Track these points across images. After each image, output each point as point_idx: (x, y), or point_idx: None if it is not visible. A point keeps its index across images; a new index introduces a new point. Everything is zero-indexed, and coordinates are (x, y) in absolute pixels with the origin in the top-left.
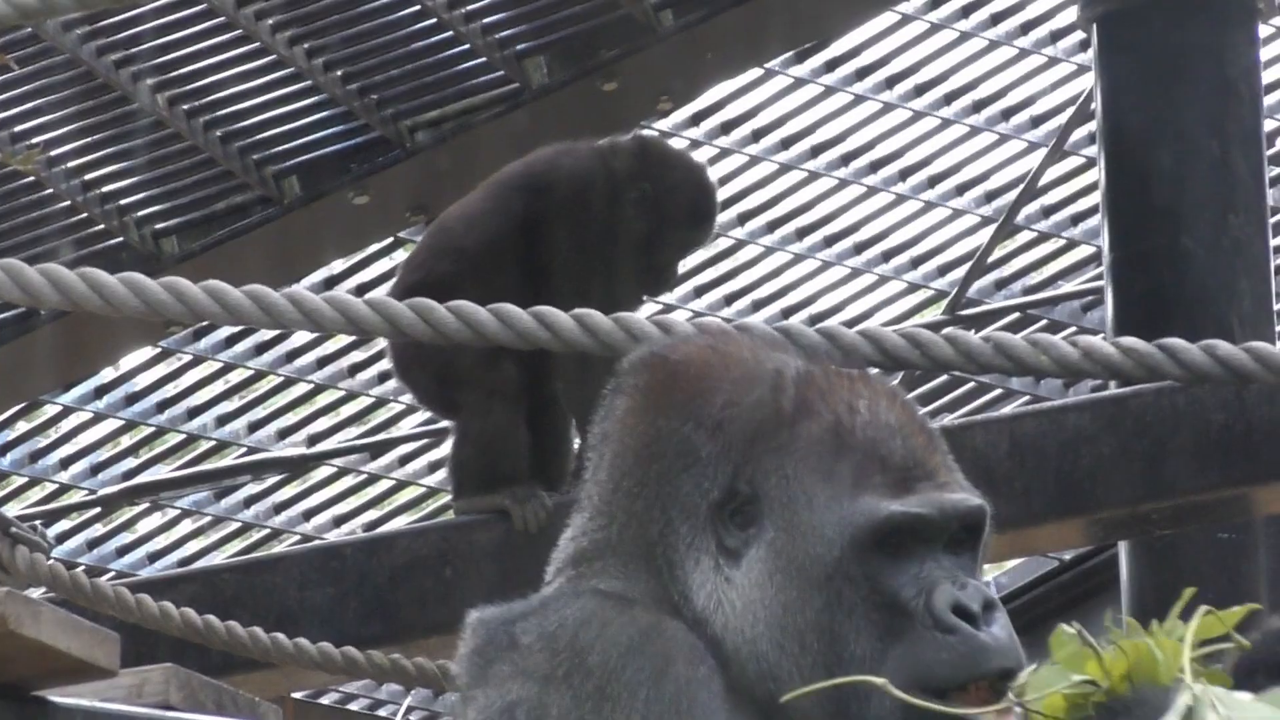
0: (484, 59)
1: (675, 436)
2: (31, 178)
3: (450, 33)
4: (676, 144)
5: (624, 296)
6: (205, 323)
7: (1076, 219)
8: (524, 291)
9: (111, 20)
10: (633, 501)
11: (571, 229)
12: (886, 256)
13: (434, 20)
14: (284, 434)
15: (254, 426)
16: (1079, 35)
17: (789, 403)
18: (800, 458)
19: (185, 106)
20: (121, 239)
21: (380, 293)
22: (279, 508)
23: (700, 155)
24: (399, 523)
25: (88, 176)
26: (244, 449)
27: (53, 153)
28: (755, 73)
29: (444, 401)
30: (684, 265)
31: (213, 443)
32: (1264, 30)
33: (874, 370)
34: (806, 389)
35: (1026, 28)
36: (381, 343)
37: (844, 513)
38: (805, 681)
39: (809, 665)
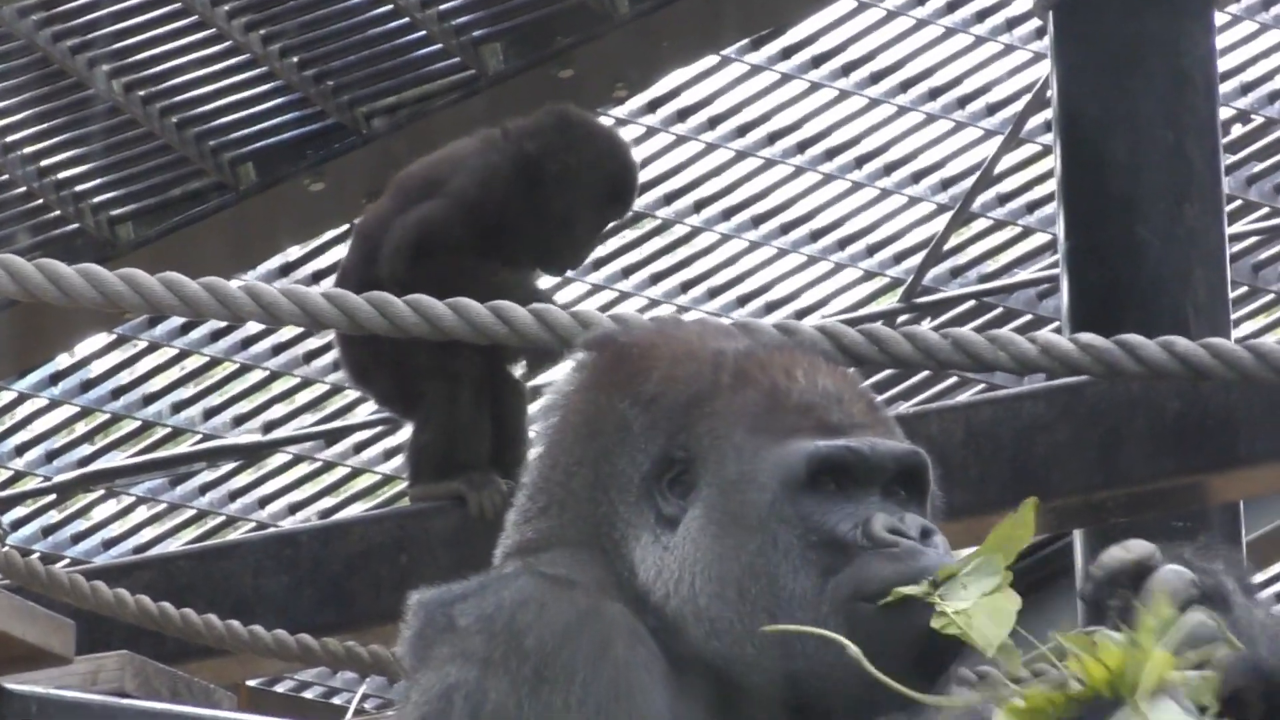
0: (440, 46)
1: (613, 414)
2: None
3: (407, 19)
4: (632, 131)
5: (546, 273)
6: None
7: (1032, 207)
8: (454, 285)
9: (68, 6)
10: (569, 479)
11: (480, 223)
12: (842, 244)
13: (390, 6)
14: (239, 421)
15: (209, 413)
16: (1035, 23)
17: (728, 375)
18: (733, 420)
19: (141, 93)
20: (77, 225)
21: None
22: (234, 495)
23: (656, 142)
24: (354, 510)
25: (44, 163)
26: (199, 436)
27: (9, 139)
28: (711, 60)
29: (404, 397)
30: (640, 253)
31: (168, 429)
32: (1219, 19)
33: None
34: (746, 362)
35: (982, 15)
36: None
37: (774, 456)
38: (747, 629)
39: (749, 611)
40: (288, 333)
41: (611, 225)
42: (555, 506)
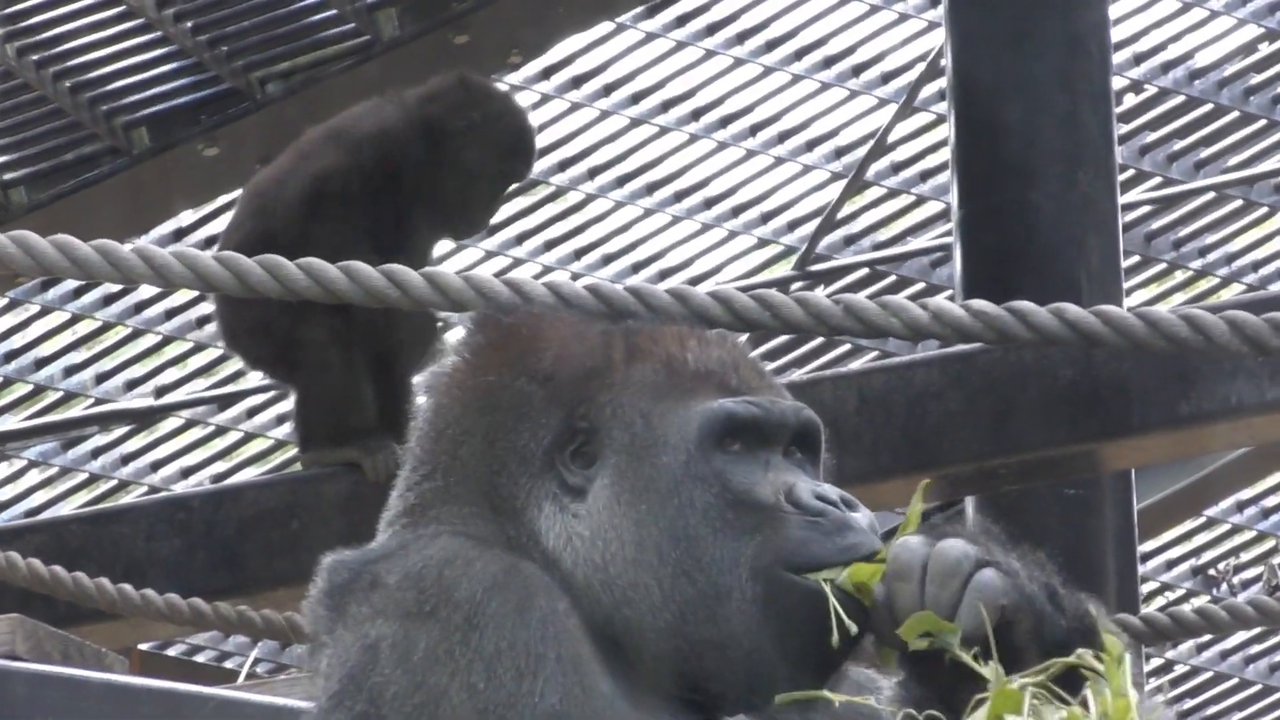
0: (335, 11)
1: (507, 391)
2: None
3: None
4: (527, 98)
5: (453, 237)
6: None
7: (926, 175)
8: (345, 243)
9: None
10: (457, 448)
11: (381, 182)
12: (736, 212)
13: None
14: (132, 385)
15: (102, 378)
16: None
17: (620, 351)
18: (635, 390)
19: (35, 57)
20: None
21: None
22: (126, 459)
23: (550, 109)
24: (247, 474)
25: None
26: (91, 400)
27: None
28: (606, 27)
29: (277, 363)
30: (534, 219)
31: (60, 394)
32: None
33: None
34: (636, 338)
35: None
36: None
37: (683, 416)
38: (666, 594)
39: (669, 575)
40: (180, 297)
41: (511, 189)
42: (441, 473)
